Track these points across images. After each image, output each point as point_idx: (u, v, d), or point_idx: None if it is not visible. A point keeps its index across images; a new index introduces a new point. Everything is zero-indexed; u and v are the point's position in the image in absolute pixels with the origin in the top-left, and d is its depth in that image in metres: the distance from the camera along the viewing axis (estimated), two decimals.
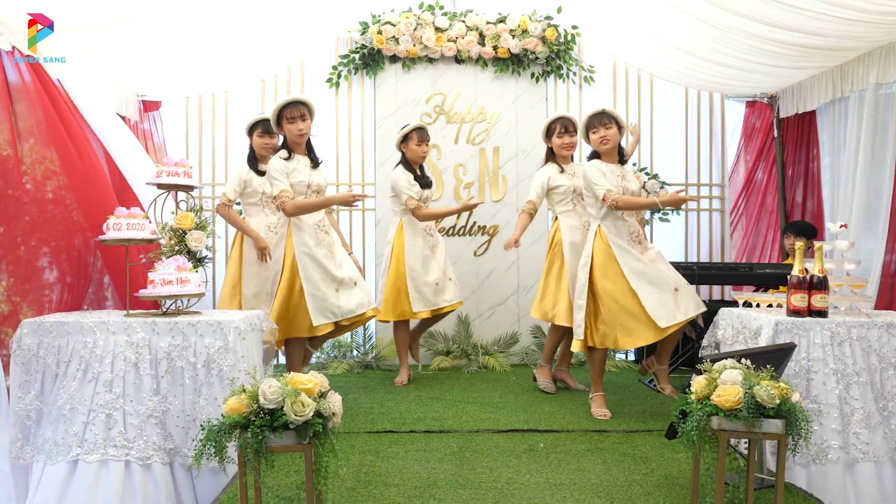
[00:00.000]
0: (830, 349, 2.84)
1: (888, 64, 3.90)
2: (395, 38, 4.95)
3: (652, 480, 2.72)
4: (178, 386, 2.82)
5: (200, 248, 3.11)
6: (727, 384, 2.25)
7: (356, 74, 5.17)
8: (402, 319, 4.25)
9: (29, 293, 3.07)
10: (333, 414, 2.17)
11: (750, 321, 3.07)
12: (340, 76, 5.16)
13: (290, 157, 3.51)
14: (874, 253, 3.94)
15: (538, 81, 5.13)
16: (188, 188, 3.17)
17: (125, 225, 2.96)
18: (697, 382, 2.35)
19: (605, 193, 3.41)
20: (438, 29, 4.99)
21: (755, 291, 4.51)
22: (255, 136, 4.03)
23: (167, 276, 2.88)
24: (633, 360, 5.22)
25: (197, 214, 3.14)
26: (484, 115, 5.12)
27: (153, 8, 3.59)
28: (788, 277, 2.95)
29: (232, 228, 4.17)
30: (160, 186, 3.12)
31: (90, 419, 2.75)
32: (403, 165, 4.22)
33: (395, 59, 5.05)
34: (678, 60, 4.77)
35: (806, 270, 2.93)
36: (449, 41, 4.99)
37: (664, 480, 2.72)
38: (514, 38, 4.99)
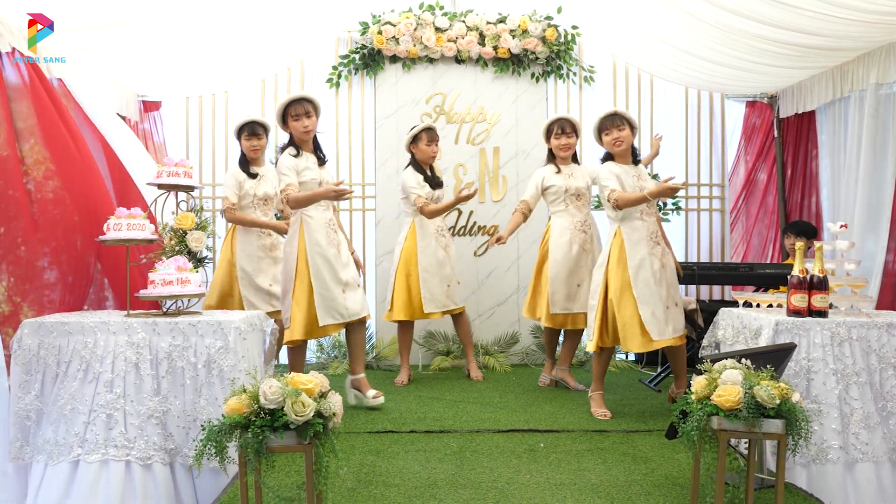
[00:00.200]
0: (830, 349, 2.84)
1: (888, 64, 3.90)
2: (395, 38, 4.95)
3: (652, 480, 2.72)
4: (178, 386, 2.82)
5: (201, 248, 3.11)
6: (727, 384, 2.25)
7: (356, 74, 5.17)
8: (410, 320, 4.26)
9: (29, 293, 3.06)
10: (334, 414, 2.17)
11: (750, 321, 3.07)
12: (340, 76, 5.16)
13: (298, 154, 3.50)
14: (876, 253, 3.94)
15: (538, 81, 5.13)
16: (188, 188, 3.17)
17: (125, 225, 2.97)
18: (697, 382, 2.36)
19: (609, 193, 3.41)
20: (438, 29, 4.99)
21: (755, 291, 4.51)
22: (242, 139, 4.10)
23: (168, 276, 2.88)
24: (633, 360, 5.22)
25: (197, 215, 3.14)
26: (484, 115, 5.12)
27: (153, 8, 3.59)
28: (788, 277, 2.95)
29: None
30: (160, 187, 3.13)
31: (91, 419, 2.75)
32: (413, 167, 4.24)
33: (395, 59, 5.05)
34: (678, 60, 4.77)
35: (806, 270, 2.93)
36: (449, 41, 4.99)
37: (664, 480, 2.72)
38: (514, 38, 4.99)
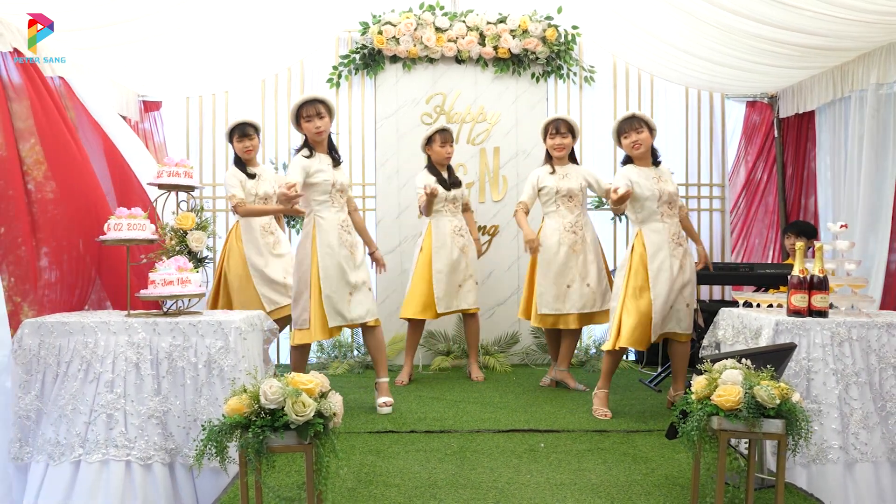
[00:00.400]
0: (830, 349, 2.84)
1: (888, 64, 3.90)
2: (395, 38, 4.95)
3: (652, 480, 2.72)
4: (179, 386, 2.82)
5: (201, 248, 3.12)
6: (727, 384, 2.25)
7: (356, 75, 5.17)
8: (423, 318, 4.26)
9: (30, 293, 3.06)
10: (334, 414, 2.17)
11: (750, 321, 3.07)
12: (341, 76, 5.16)
13: (311, 155, 3.49)
14: (877, 253, 3.93)
15: (538, 81, 5.13)
16: (189, 188, 3.17)
17: (126, 225, 2.97)
18: (698, 382, 2.36)
19: (607, 188, 3.41)
20: (439, 29, 4.99)
21: (755, 291, 4.51)
22: (234, 141, 4.12)
23: (168, 276, 2.88)
24: (633, 360, 5.22)
25: (198, 215, 3.14)
26: (484, 115, 5.11)
27: (153, 8, 3.59)
28: (789, 277, 2.95)
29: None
30: (161, 187, 3.13)
31: (92, 419, 2.75)
32: (428, 169, 4.29)
33: (395, 59, 5.05)
34: (678, 60, 4.77)
35: (806, 270, 2.93)
36: (449, 41, 4.99)
37: (664, 480, 2.72)
38: (514, 38, 4.98)
